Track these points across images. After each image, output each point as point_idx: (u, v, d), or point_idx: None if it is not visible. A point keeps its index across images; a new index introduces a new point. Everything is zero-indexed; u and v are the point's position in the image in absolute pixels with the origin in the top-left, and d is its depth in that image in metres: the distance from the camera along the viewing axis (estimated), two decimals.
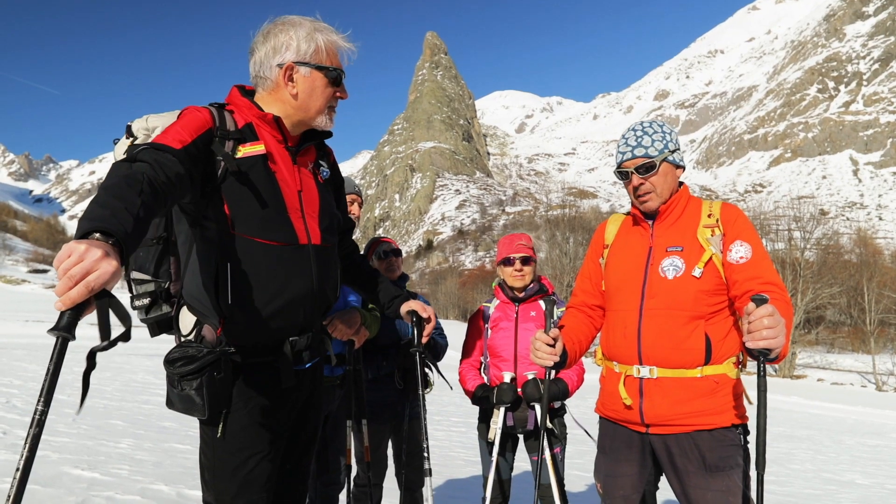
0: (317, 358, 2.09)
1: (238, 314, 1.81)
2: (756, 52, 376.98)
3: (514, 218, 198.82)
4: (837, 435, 14.00)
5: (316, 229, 1.97)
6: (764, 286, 2.09)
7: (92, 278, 1.21)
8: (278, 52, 1.90)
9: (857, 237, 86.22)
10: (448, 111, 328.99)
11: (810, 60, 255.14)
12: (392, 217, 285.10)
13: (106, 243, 1.27)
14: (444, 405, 11.68)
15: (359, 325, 2.96)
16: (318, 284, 1.95)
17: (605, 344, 2.47)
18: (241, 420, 1.83)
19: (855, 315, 47.78)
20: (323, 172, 2.10)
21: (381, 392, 3.47)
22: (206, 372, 1.71)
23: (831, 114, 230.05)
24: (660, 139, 2.32)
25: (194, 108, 1.85)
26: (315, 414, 2.13)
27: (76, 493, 4.24)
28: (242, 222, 1.82)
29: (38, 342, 18.58)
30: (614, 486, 2.38)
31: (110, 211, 1.36)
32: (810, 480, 8.23)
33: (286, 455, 2.03)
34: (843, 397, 26.39)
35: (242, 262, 1.81)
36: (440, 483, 5.86)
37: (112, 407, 8.34)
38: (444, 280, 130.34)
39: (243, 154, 1.84)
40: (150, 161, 1.58)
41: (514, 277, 3.34)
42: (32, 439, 1.22)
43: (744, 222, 2.27)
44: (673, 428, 2.23)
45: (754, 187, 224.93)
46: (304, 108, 1.95)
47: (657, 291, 2.26)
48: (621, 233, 2.52)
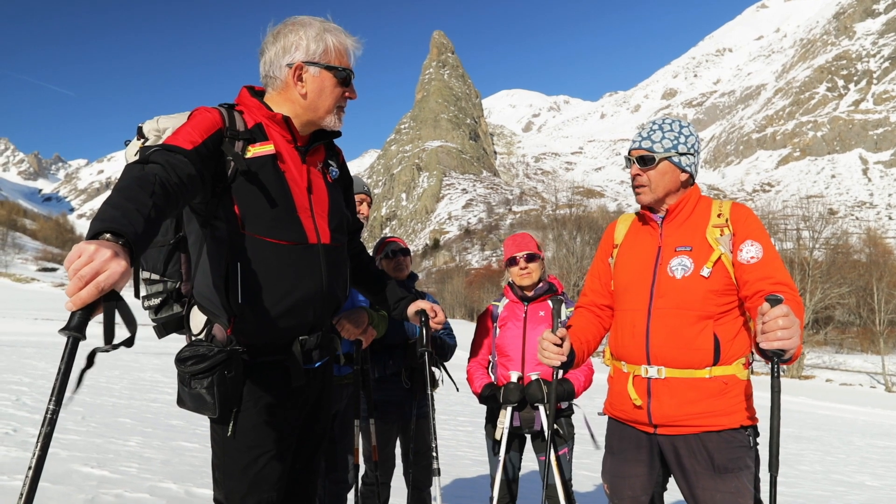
0: (326, 357, 2.09)
1: (248, 313, 1.82)
2: (765, 51, 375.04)
3: (521, 217, 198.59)
4: (847, 436, 13.93)
5: (325, 229, 1.98)
6: (775, 286, 2.08)
7: (102, 278, 1.21)
8: (288, 51, 1.91)
9: (866, 237, 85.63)
10: (455, 110, 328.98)
11: (819, 59, 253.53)
12: (399, 216, 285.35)
13: (116, 244, 1.28)
14: (451, 405, 11.69)
15: (366, 324, 2.97)
16: (327, 284, 1.95)
17: (614, 344, 2.46)
18: (251, 419, 1.84)
19: (864, 315, 47.43)
20: (332, 172, 2.11)
21: (389, 391, 3.47)
22: (217, 371, 1.72)
23: (841, 112, 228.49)
24: (671, 138, 2.31)
25: (204, 108, 1.86)
26: (325, 413, 2.14)
27: (86, 490, 4.26)
28: (252, 222, 1.82)
29: (48, 340, 18.73)
30: (622, 487, 2.37)
31: (121, 212, 1.37)
32: (819, 482, 8.19)
33: (296, 454, 2.03)
34: (852, 398, 26.26)
35: (252, 261, 1.82)
36: (447, 483, 5.86)
37: (121, 405, 8.38)
38: (450, 279, 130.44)
39: (253, 154, 1.85)
40: (163, 162, 1.59)
41: (521, 276, 3.34)
42: (44, 438, 1.23)
43: (754, 222, 2.26)
44: (681, 429, 2.22)
45: (762, 186, 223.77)
46: (313, 108, 1.95)
47: (666, 291, 2.25)
48: (631, 232, 2.51)
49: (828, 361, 43.29)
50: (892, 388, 33.38)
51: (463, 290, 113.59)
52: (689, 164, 2.34)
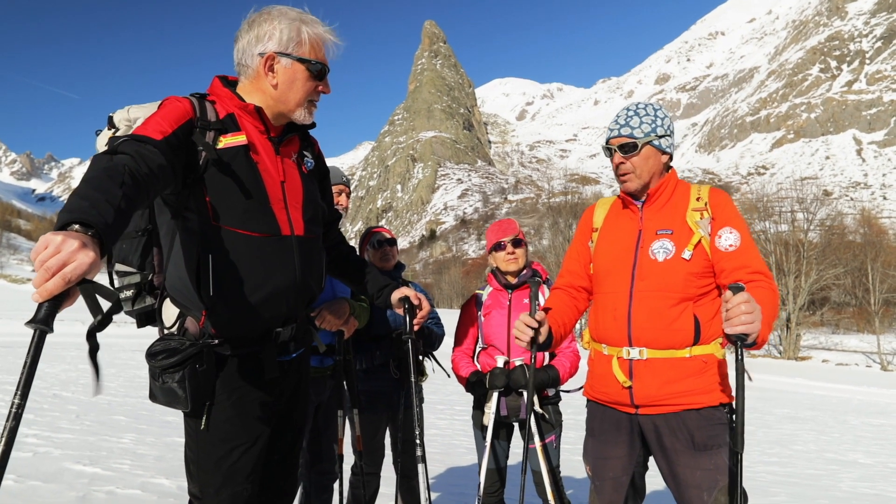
0: (302, 348, 2.08)
1: (220, 306, 1.81)
2: (757, 33, 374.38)
3: (517, 205, 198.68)
4: (842, 415, 14.02)
5: (299, 220, 1.96)
6: (752, 275, 2.15)
7: (69, 270, 1.19)
8: (261, 40, 1.89)
9: (861, 217, 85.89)
10: (448, 100, 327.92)
11: (812, 40, 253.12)
12: (395, 207, 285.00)
13: (85, 234, 1.26)
14: (448, 394, 11.71)
15: (348, 315, 2.95)
16: (301, 275, 1.94)
17: (594, 326, 2.47)
18: (224, 412, 1.83)
19: (860, 295, 47.62)
20: (307, 163, 2.09)
21: (377, 381, 3.47)
22: (189, 364, 1.71)
23: (834, 93, 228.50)
24: (649, 122, 2.33)
25: (175, 98, 1.84)
26: (303, 404, 2.13)
27: (77, 488, 4.27)
28: (224, 213, 1.81)
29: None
30: (604, 469, 2.39)
31: (90, 202, 1.34)
32: (813, 461, 8.25)
33: (274, 446, 2.03)
34: (848, 378, 26.40)
35: (224, 253, 1.80)
36: (441, 471, 5.88)
37: (116, 403, 8.39)
38: (447, 269, 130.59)
39: (225, 144, 1.83)
40: (132, 153, 1.57)
41: (508, 261, 3.33)
42: (9, 433, 1.20)
43: (732, 208, 2.30)
44: (662, 408, 2.25)
45: (757, 169, 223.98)
46: (283, 100, 1.93)
47: (647, 274, 2.28)
48: (610, 216, 2.53)
49: (824, 342, 43.47)
50: (887, 367, 33.57)
51: (460, 279, 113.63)
52: (668, 146, 2.36)
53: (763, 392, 18.07)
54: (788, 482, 6.69)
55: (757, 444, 9.15)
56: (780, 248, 42.02)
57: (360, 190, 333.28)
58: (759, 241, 44.01)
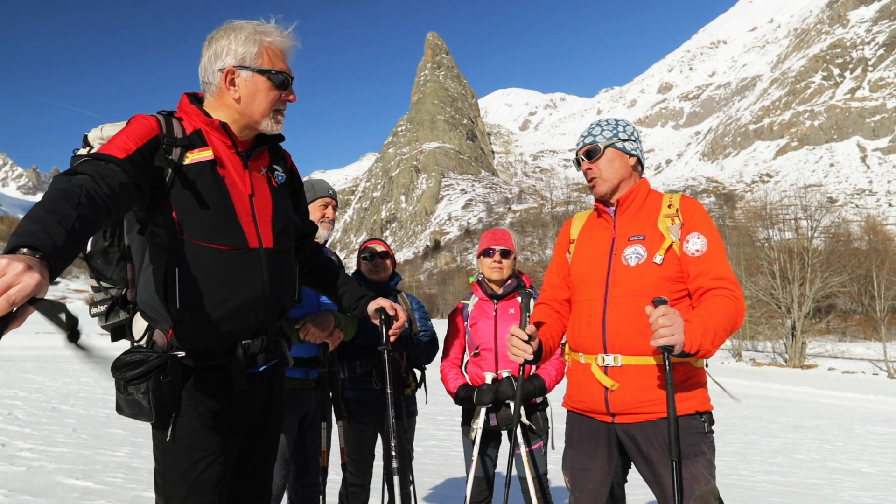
0: (274, 361, 2.08)
1: (188, 318, 1.82)
2: (759, 42, 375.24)
3: (521, 215, 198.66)
4: (847, 424, 13.88)
5: (268, 233, 1.97)
6: (714, 281, 2.19)
7: (13, 292, 1.20)
8: (219, 56, 1.92)
9: (866, 224, 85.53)
10: (451, 111, 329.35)
11: (814, 48, 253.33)
12: (399, 218, 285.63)
13: (32, 257, 1.26)
14: (448, 404, 11.63)
15: (332, 327, 2.96)
16: (270, 288, 1.95)
17: (571, 335, 2.49)
18: (191, 423, 1.83)
19: (866, 303, 47.31)
20: (278, 176, 2.11)
21: (363, 391, 3.46)
22: (153, 376, 1.71)
23: (837, 101, 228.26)
24: (610, 129, 2.44)
25: (141, 116, 1.87)
26: (276, 417, 2.13)
27: (68, 501, 4.26)
28: (190, 227, 1.82)
29: (48, 354, 18.74)
30: (583, 480, 2.38)
31: (40, 226, 1.35)
32: (815, 470, 8.17)
33: (246, 458, 2.02)
34: (854, 386, 26.16)
35: (191, 266, 1.81)
36: (438, 482, 5.87)
37: (113, 416, 8.38)
38: (451, 280, 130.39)
39: (191, 160, 1.85)
40: (91, 173, 1.58)
41: (492, 269, 3.34)
42: None
43: (702, 215, 2.33)
44: (638, 416, 2.24)
45: (761, 177, 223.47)
46: (247, 113, 1.95)
47: (621, 279, 2.30)
48: (586, 227, 2.58)
49: (830, 350, 43.08)
50: (894, 375, 33.26)
51: (465, 290, 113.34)
52: (633, 149, 2.44)
53: (768, 401, 17.93)
54: (788, 492, 6.63)
55: (759, 454, 9.08)
56: (785, 256, 41.75)
57: (364, 201, 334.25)
58: (763, 248, 43.90)
